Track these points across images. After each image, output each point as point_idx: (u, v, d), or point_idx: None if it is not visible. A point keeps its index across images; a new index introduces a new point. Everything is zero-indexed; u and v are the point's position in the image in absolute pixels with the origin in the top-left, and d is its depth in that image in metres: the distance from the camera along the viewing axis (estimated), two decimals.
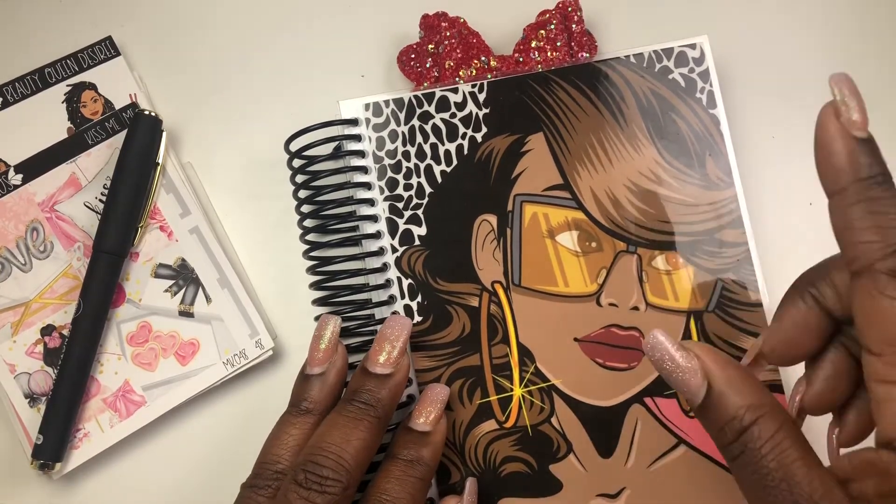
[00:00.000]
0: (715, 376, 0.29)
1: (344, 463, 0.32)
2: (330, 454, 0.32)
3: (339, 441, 0.33)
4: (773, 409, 0.28)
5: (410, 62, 0.42)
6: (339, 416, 0.34)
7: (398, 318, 0.37)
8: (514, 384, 0.39)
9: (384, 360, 0.36)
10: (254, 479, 0.34)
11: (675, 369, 0.29)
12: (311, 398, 0.36)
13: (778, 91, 0.44)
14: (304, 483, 0.32)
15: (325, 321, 0.37)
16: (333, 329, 0.37)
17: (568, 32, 0.41)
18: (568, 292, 0.40)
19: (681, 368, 0.29)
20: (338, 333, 0.37)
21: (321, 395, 0.36)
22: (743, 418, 0.28)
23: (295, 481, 0.32)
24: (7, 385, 0.40)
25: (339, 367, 0.37)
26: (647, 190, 0.40)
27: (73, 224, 0.42)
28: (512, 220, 0.40)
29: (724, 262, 0.40)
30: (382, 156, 0.40)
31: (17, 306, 0.41)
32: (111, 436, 0.40)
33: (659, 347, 0.30)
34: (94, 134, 0.42)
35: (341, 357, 0.37)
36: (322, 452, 0.33)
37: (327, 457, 0.32)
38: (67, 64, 0.42)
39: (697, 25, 0.44)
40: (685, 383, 0.29)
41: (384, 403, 0.35)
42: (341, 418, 0.34)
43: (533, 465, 0.39)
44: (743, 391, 0.29)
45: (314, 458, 0.32)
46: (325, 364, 0.36)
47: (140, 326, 0.41)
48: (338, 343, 0.37)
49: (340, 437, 0.33)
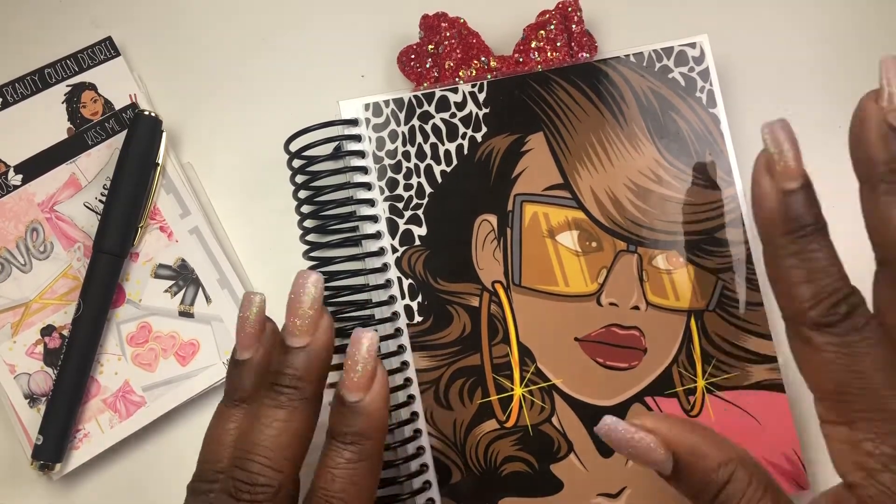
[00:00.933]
0: (679, 444, 0.29)
1: (273, 463, 0.30)
2: (256, 456, 0.30)
3: (265, 439, 0.30)
4: (742, 461, 0.29)
5: (410, 62, 0.42)
6: (262, 406, 0.31)
7: (306, 274, 0.32)
8: (515, 384, 0.39)
9: (300, 326, 0.31)
10: (196, 483, 0.32)
11: (638, 449, 0.29)
12: (243, 387, 0.33)
13: (778, 90, 0.44)
14: (234, 493, 0.30)
15: (248, 299, 0.33)
16: (259, 307, 0.33)
17: (568, 33, 0.41)
18: (568, 292, 0.40)
19: (642, 448, 0.29)
20: (264, 311, 0.33)
21: (253, 383, 0.33)
22: (717, 481, 0.28)
23: (226, 492, 0.30)
24: (7, 385, 0.40)
25: (269, 348, 0.33)
26: (648, 189, 0.40)
27: (73, 224, 0.42)
28: (512, 220, 0.40)
29: (724, 261, 0.40)
30: (382, 156, 0.40)
31: (17, 307, 0.41)
32: (111, 436, 0.40)
33: (613, 434, 0.29)
34: (94, 134, 0.42)
35: (271, 335, 0.33)
36: (248, 456, 0.30)
37: (254, 460, 0.30)
38: (67, 64, 0.42)
39: (697, 25, 0.44)
40: (651, 460, 0.29)
41: (310, 380, 0.31)
42: (265, 409, 0.31)
43: (534, 465, 0.39)
44: (708, 453, 0.29)
45: (242, 463, 0.30)
46: (252, 347, 0.33)
47: (140, 327, 0.41)
48: (265, 321, 0.33)
49: (266, 434, 0.30)
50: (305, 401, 0.31)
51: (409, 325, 0.39)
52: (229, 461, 0.31)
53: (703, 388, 0.40)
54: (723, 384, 0.40)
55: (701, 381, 0.40)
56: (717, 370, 0.40)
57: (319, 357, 0.32)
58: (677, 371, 0.40)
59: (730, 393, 0.40)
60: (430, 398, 0.39)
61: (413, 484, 0.38)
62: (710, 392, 0.40)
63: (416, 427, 0.39)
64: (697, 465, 0.29)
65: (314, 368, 0.31)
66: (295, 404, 0.31)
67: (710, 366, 0.40)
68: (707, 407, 0.40)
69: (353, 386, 0.31)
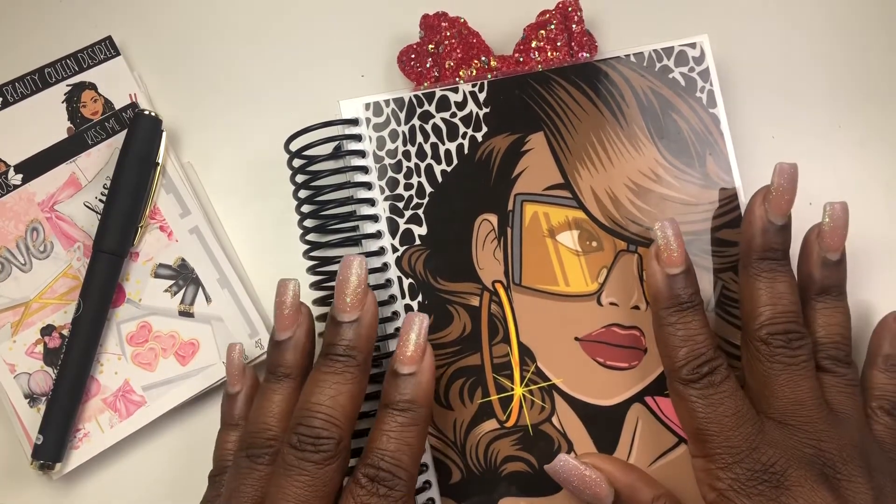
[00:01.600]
0: (619, 479, 0.37)
1: (333, 420, 0.33)
2: (319, 413, 0.33)
3: (325, 399, 0.34)
4: (669, 496, 0.37)
5: (410, 62, 0.42)
6: (319, 373, 0.35)
7: (350, 259, 0.35)
8: (515, 383, 0.39)
9: (350, 303, 0.35)
10: (249, 449, 0.35)
11: (584, 484, 0.36)
12: (286, 363, 0.36)
13: (778, 90, 0.44)
14: (298, 445, 0.33)
15: (284, 286, 0.37)
16: (294, 291, 0.37)
17: (568, 32, 0.41)
18: (569, 291, 0.40)
19: (588, 483, 0.36)
20: (298, 295, 0.37)
21: (295, 359, 0.36)
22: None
23: (290, 444, 0.33)
24: (7, 385, 0.40)
25: (307, 328, 0.37)
26: (648, 189, 0.40)
27: (73, 224, 0.42)
28: (512, 220, 0.40)
29: (724, 261, 0.40)
30: (383, 155, 0.40)
31: (17, 306, 0.41)
32: (111, 436, 0.40)
33: (564, 471, 0.37)
34: (94, 134, 0.42)
35: (306, 317, 0.37)
36: (311, 413, 0.34)
37: (316, 416, 0.33)
38: (67, 64, 0.42)
39: (697, 25, 0.44)
40: (596, 495, 0.36)
41: (361, 350, 0.35)
42: (322, 375, 0.34)
43: (534, 465, 0.39)
44: (644, 489, 0.37)
45: (304, 420, 0.34)
46: (292, 328, 0.36)
47: (140, 326, 0.41)
48: (300, 304, 0.37)
49: (326, 395, 0.34)
50: (358, 367, 0.35)
51: None
52: (279, 429, 0.35)
53: None
54: None
55: None
56: None
57: (368, 329, 0.35)
58: None
59: None
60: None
61: None
62: None
63: None
64: (633, 499, 0.36)
65: (363, 338, 0.35)
66: (350, 370, 0.35)
67: None
68: None
69: (406, 360, 0.35)
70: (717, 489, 0.34)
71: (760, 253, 0.36)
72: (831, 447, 0.33)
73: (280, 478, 0.33)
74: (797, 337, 0.35)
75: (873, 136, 0.44)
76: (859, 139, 0.44)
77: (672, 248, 0.35)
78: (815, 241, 0.37)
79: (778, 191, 0.36)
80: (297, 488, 0.33)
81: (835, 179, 0.44)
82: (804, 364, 0.35)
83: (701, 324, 0.35)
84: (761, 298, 0.36)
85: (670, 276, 0.35)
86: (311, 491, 0.33)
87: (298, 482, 0.33)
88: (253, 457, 0.35)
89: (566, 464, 0.37)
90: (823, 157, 0.44)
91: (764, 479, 0.33)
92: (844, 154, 0.44)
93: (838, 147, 0.44)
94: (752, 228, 0.36)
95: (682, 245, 0.36)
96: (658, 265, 0.36)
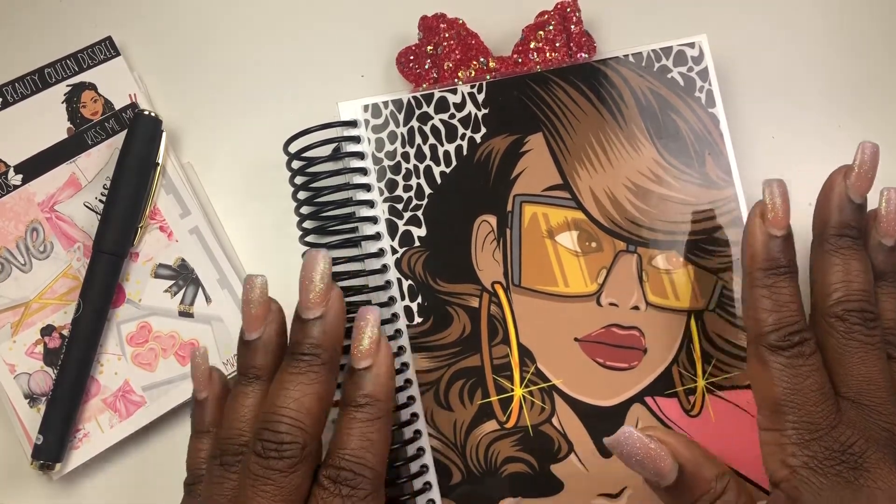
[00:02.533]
0: (683, 455, 0.33)
1: (298, 423, 0.32)
2: (283, 418, 0.32)
3: (290, 402, 0.33)
4: (733, 475, 0.34)
5: (409, 64, 0.42)
6: (284, 374, 0.34)
7: (314, 254, 0.34)
8: (515, 384, 0.39)
9: (313, 300, 0.34)
10: (222, 457, 0.34)
11: (648, 459, 0.33)
12: (256, 364, 0.35)
13: (777, 90, 0.44)
14: (262, 453, 0.32)
15: (250, 282, 0.35)
16: (261, 287, 0.35)
17: (567, 33, 0.41)
18: (568, 292, 0.40)
19: (652, 457, 0.33)
20: (266, 291, 0.35)
21: (265, 359, 0.35)
22: (715, 490, 0.33)
23: (254, 453, 0.32)
24: (7, 385, 0.40)
25: (277, 325, 0.35)
26: (647, 189, 0.40)
27: (73, 224, 0.42)
28: (511, 221, 0.40)
29: (724, 260, 0.40)
30: (382, 157, 0.40)
31: (16, 306, 0.41)
32: (111, 436, 0.40)
33: (626, 444, 0.33)
34: (94, 134, 0.42)
35: (276, 314, 0.36)
36: (274, 418, 0.33)
37: (281, 421, 0.32)
38: (67, 64, 0.43)
39: (696, 24, 0.44)
40: (659, 470, 0.33)
41: (326, 347, 0.34)
42: (287, 376, 0.33)
43: (534, 466, 0.39)
44: (707, 465, 0.33)
45: (268, 425, 0.33)
46: (261, 326, 0.35)
47: (140, 327, 0.41)
48: (269, 300, 0.35)
49: (290, 397, 0.33)
50: (324, 366, 0.34)
51: (408, 326, 0.39)
52: (252, 434, 0.34)
53: (704, 387, 0.40)
54: (723, 384, 0.40)
55: (701, 380, 0.40)
56: (717, 370, 0.40)
57: (333, 325, 0.34)
58: (677, 371, 0.40)
59: (730, 393, 0.40)
60: (431, 399, 0.39)
61: (413, 485, 0.39)
62: (711, 392, 0.40)
63: (416, 428, 0.39)
64: (700, 476, 0.33)
65: (329, 335, 0.34)
66: (315, 369, 0.33)
67: (711, 365, 0.40)
68: (707, 407, 0.40)
69: (362, 354, 0.34)
70: (790, 465, 0.32)
71: (838, 229, 0.35)
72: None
73: (247, 489, 0.32)
74: (871, 317, 0.34)
75: (873, 136, 0.44)
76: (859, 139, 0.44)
77: (778, 210, 0.34)
78: (872, 226, 0.36)
79: (862, 168, 0.35)
80: (263, 498, 0.32)
81: None
82: (879, 345, 0.33)
83: (795, 291, 0.34)
84: (837, 275, 0.34)
85: (772, 237, 0.34)
86: (279, 500, 0.32)
87: (265, 492, 0.32)
88: (226, 465, 0.34)
89: (630, 436, 0.33)
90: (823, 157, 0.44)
91: (842, 460, 0.31)
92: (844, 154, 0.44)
93: (838, 147, 0.44)
94: (830, 204, 0.35)
95: (788, 208, 0.35)
96: (760, 224, 0.34)
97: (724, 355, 0.40)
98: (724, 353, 0.40)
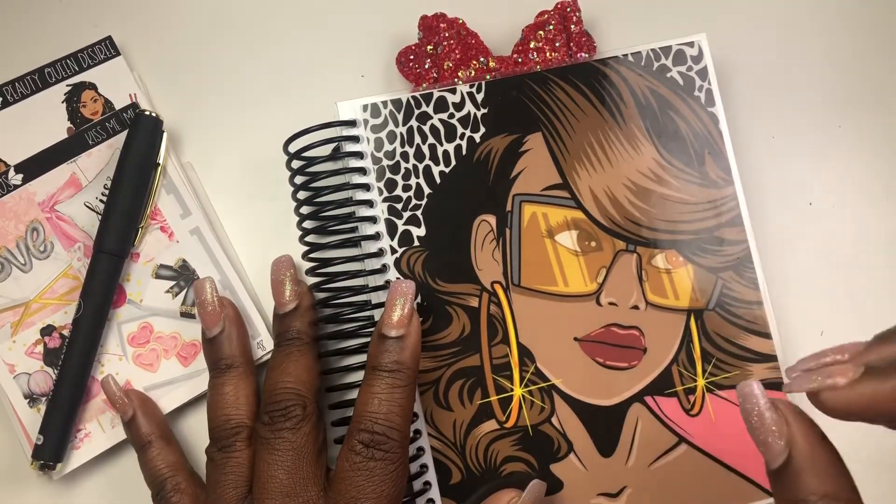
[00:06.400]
0: (799, 449, 0.27)
1: (296, 389, 0.36)
2: (282, 389, 0.36)
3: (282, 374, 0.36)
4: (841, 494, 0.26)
5: (409, 63, 0.42)
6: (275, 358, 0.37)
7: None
8: (515, 384, 0.39)
9: (288, 297, 0.38)
10: (218, 443, 0.36)
11: (761, 427, 0.28)
12: (225, 354, 0.38)
13: (777, 89, 0.44)
14: (270, 421, 0.35)
15: (200, 287, 0.39)
16: (210, 289, 0.39)
17: (567, 33, 0.41)
18: (568, 292, 0.40)
19: (765, 428, 0.28)
20: (216, 291, 0.39)
21: (232, 348, 0.38)
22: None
23: (263, 424, 0.35)
24: (7, 385, 0.40)
25: (233, 318, 0.39)
26: (647, 189, 0.40)
27: (74, 224, 0.42)
28: (511, 220, 0.40)
29: (724, 260, 0.40)
30: (381, 157, 0.40)
31: (16, 306, 0.41)
32: (112, 436, 0.40)
33: (751, 398, 0.28)
34: (95, 134, 0.42)
35: (231, 308, 0.39)
36: (274, 389, 0.36)
37: (280, 392, 0.35)
38: (67, 64, 0.43)
39: (695, 24, 0.44)
40: (766, 444, 0.28)
41: (304, 332, 0.37)
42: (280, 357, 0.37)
43: (534, 465, 0.39)
44: (823, 475, 0.27)
45: (270, 397, 0.36)
46: (219, 322, 0.38)
47: (141, 327, 0.41)
48: (221, 298, 0.39)
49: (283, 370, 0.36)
50: (306, 345, 0.37)
51: None
52: (242, 414, 0.37)
53: (704, 387, 0.40)
54: (723, 383, 0.40)
55: (701, 380, 0.40)
56: (717, 369, 0.40)
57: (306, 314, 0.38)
58: (677, 370, 0.40)
59: (730, 392, 0.40)
60: (430, 399, 0.39)
61: (413, 485, 0.39)
62: (711, 391, 0.40)
63: (415, 428, 0.39)
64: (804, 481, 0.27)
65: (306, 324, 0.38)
66: (299, 348, 0.37)
67: (710, 365, 0.40)
68: (707, 406, 0.40)
69: (394, 324, 0.36)
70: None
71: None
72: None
73: (263, 454, 0.34)
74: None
75: (873, 136, 0.44)
76: (859, 139, 0.44)
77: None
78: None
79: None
80: (280, 456, 0.34)
81: (835, 179, 0.44)
82: None
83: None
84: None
85: None
86: (294, 454, 0.34)
87: (280, 450, 0.34)
88: (224, 448, 0.36)
89: (752, 391, 0.28)
90: (823, 157, 0.44)
91: None
92: (844, 154, 0.44)
93: (838, 147, 0.44)
94: None
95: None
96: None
97: (724, 354, 0.40)
98: (724, 353, 0.40)
